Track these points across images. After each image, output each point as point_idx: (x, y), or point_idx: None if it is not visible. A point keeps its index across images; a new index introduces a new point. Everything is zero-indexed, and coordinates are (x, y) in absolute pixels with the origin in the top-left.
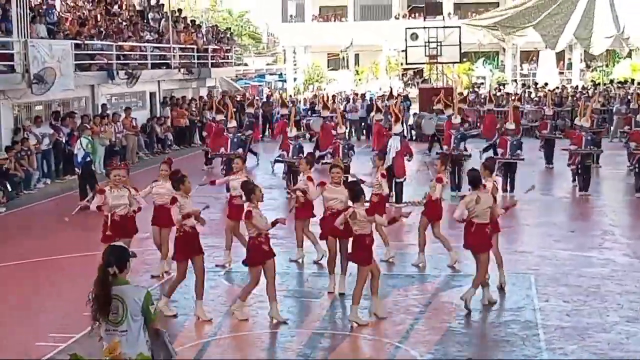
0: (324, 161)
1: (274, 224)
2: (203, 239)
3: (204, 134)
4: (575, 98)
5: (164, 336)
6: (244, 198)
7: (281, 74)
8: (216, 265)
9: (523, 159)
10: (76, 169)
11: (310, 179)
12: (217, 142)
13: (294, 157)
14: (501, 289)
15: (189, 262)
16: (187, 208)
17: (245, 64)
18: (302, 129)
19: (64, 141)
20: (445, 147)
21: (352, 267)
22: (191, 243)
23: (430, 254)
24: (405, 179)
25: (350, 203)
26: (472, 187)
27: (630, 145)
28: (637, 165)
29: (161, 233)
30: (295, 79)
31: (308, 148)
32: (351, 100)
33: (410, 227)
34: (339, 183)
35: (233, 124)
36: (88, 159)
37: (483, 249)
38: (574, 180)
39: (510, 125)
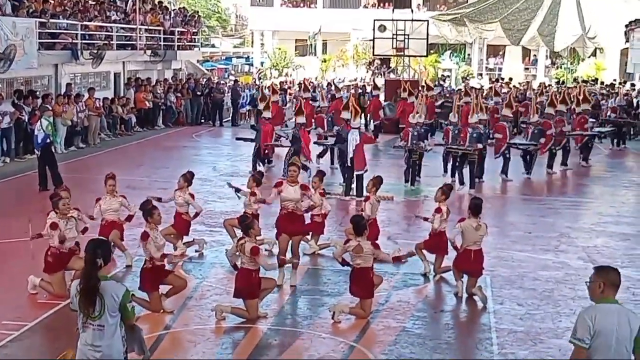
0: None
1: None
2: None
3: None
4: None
5: (140, 333)
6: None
7: (248, 57)
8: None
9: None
10: (35, 151)
11: (254, 194)
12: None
13: None
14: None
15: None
16: (158, 242)
17: (213, 45)
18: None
19: (25, 120)
20: (403, 142)
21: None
22: (162, 275)
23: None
24: (366, 171)
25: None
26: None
27: None
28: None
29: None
30: (262, 63)
31: None
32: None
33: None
34: (295, 182)
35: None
36: (48, 140)
37: (479, 274)
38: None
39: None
